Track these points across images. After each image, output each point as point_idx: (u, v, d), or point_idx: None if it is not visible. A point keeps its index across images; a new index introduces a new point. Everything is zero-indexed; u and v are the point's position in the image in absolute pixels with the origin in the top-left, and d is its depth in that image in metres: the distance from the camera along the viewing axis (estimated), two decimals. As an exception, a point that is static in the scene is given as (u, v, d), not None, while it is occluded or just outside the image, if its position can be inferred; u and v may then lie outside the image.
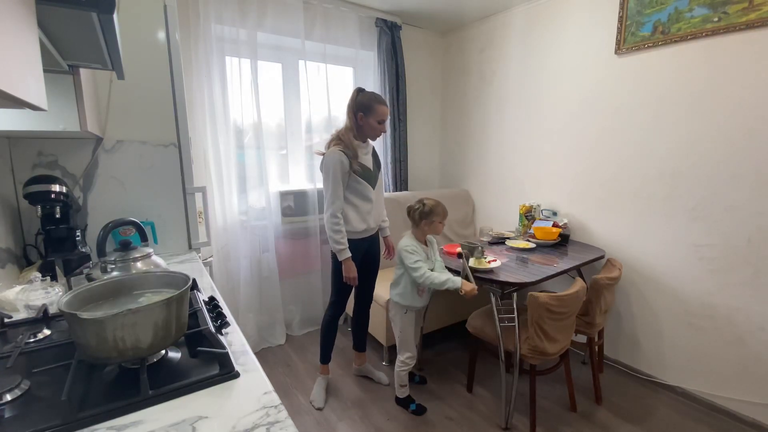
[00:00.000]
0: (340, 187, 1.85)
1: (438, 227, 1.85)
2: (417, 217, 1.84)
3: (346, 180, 1.86)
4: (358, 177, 1.88)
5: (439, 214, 1.82)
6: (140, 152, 1.63)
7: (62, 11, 0.71)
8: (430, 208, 1.81)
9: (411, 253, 1.80)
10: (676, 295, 2.12)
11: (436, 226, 1.84)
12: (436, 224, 1.83)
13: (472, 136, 3.22)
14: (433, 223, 1.83)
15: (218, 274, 2.43)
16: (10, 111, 1.04)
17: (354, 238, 1.94)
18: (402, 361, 1.96)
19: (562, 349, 1.81)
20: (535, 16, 2.63)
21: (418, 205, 1.84)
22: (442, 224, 1.86)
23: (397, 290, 1.92)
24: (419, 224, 1.85)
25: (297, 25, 2.55)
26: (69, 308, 0.73)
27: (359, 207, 1.93)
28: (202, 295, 1.16)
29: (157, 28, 1.60)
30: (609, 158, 2.33)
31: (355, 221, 1.93)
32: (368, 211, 1.96)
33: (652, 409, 2.04)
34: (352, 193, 1.91)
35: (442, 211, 1.83)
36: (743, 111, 1.81)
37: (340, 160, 1.82)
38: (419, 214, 1.83)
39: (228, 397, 0.72)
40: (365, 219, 1.95)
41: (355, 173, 1.86)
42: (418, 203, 1.85)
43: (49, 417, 0.65)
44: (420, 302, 1.92)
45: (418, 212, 1.84)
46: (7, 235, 1.31)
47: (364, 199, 1.93)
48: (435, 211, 1.81)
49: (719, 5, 1.81)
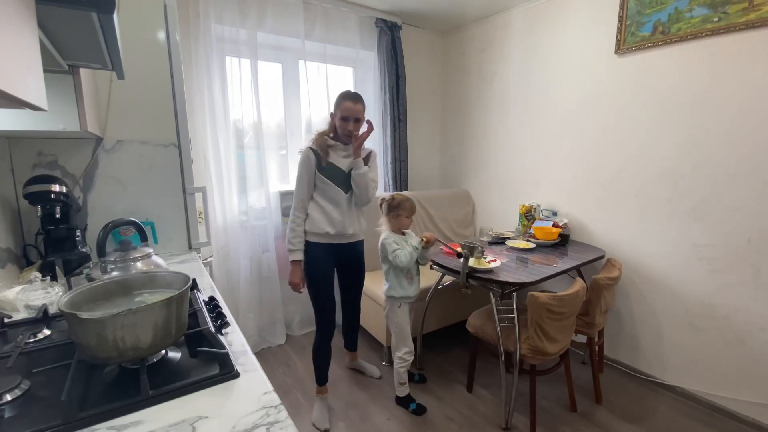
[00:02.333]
0: (304, 184, 1.83)
1: (404, 221, 1.91)
2: (385, 208, 1.92)
3: (312, 178, 1.83)
4: (324, 177, 1.82)
5: (406, 209, 1.89)
6: (140, 152, 1.63)
7: (62, 11, 0.71)
8: (398, 203, 1.89)
9: (390, 243, 1.87)
10: (676, 295, 2.12)
11: (402, 220, 1.90)
12: (402, 218, 1.90)
13: (472, 136, 3.22)
14: (399, 217, 1.89)
15: (218, 274, 2.43)
16: (10, 111, 1.04)
17: (320, 241, 1.86)
18: (400, 357, 1.97)
19: (562, 349, 1.81)
20: (535, 16, 2.63)
21: (389, 199, 1.92)
22: (409, 219, 1.92)
23: (387, 284, 1.98)
24: (387, 215, 1.93)
25: (297, 25, 2.55)
26: (69, 308, 0.73)
27: (325, 209, 1.84)
28: (202, 295, 1.16)
29: (157, 28, 1.60)
30: (609, 158, 2.33)
31: (320, 222, 1.83)
32: (337, 217, 1.85)
33: (652, 409, 2.04)
34: (319, 193, 1.85)
35: (409, 206, 1.90)
36: (743, 111, 1.80)
37: (307, 156, 1.82)
38: (387, 207, 1.91)
39: (228, 397, 0.72)
40: (332, 223, 1.85)
41: (320, 172, 1.82)
42: (390, 197, 1.92)
43: (49, 417, 0.65)
44: (411, 291, 1.96)
45: (386, 204, 1.92)
46: (7, 235, 1.31)
47: (331, 201, 1.85)
48: (402, 205, 1.88)
49: (719, 5, 1.81)
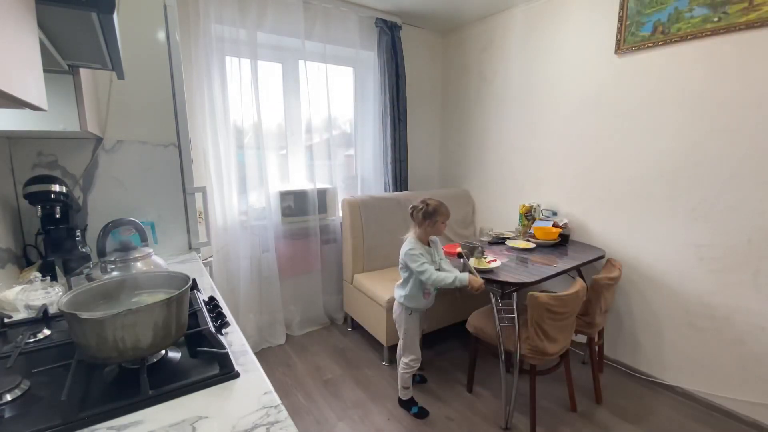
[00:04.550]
0: None
1: (440, 227, 1.83)
2: (420, 217, 1.81)
3: None
4: None
5: (443, 213, 1.81)
6: (140, 152, 1.63)
7: (62, 11, 0.71)
8: (433, 209, 1.79)
9: (416, 256, 1.78)
10: (676, 295, 2.11)
11: (439, 227, 1.83)
12: (438, 224, 1.82)
13: (472, 136, 3.22)
14: (437, 224, 1.81)
15: (218, 274, 2.43)
16: (10, 111, 1.04)
17: None
18: (406, 364, 1.95)
19: (562, 349, 1.81)
20: (535, 16, 2.63)
21: (422, 206, 1.81)
22: (445, 224, 1.84)
23: (403, 292, 1.89)
24: (422, 224, 1.82)
25: (297, 25, 2.55)
26: (69, 308, 0.73)
27: None
28: (202, 295, 1.16)
29: (157, 28, 1.60)
30: (609, 158, 2.33)
31: None
32: None
33: (652, 409, 2.04)
34: None
35: (445, 211, 1.82)
36: (743, 111, 1.80)
37: None
38: (423, 214, 1.81)
39: (228, 397, 0.72)
40: None
41: None
42: (422, 203, 1.82)
43: (49, 417, 0.65)
44: (425, 304, 1.92)
45: (421, 212, 1.81)
46: (7, 235, 1.31)
47: None
48: (438, 211, 1.80)
49: (719, 5, 1.81)
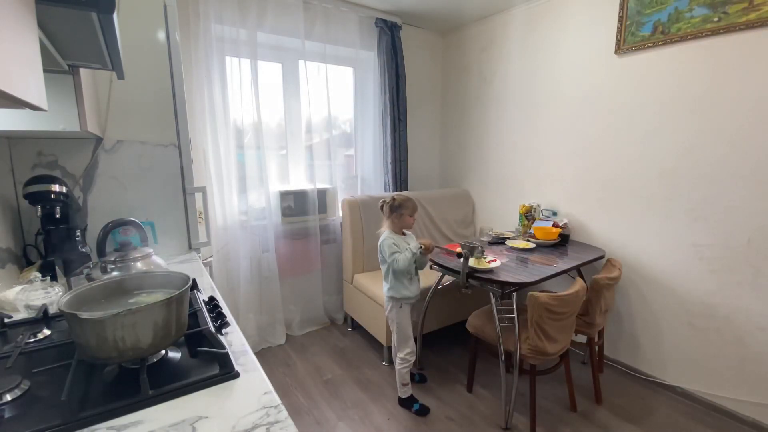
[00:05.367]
0: None
1: (407, 220, 1.94)
2: (388, 210, 1.95)
3: None
4: None
5: (408, 207, 1.93)
6: (140, 152, 1.63)
7: (62, 11, 0.71)
8: (399, 203, 1.93)
9: (390, 245, 1.89)
10: (676, 295, 2.11)
11: (406, 219, 1.94)
12: (405, 217, 1.93)
13: (472, 135, 3.22)
14: (403, 216, 1.93)
15: (218, 274, 2.43)
16: (10, 111, 1.04)
17: None
18: (402, 358, 1.97)
19: (562, 349, 1.81)
20: (535, 16, 2.63)
21: (390, 200, 1.96)
22: (412, 218, 1.96)
23: (387, 285, 1.98)
24: (390, 217, 1.95)
25: (297, 25, 2.55)
26: (69, 308, 0.73)
27: None
28: (202, 295, 1.16)
29: (157, 28, 1.60)
30: (609, 158, 2.33)
31: None
32: None
33: (652, 409, 2.04)
34: None
35: (411, 205, 1.94)
36: (743, 111, 1.80)
37: None
38: (390, 208, 1.94)
39: (228, 397, 0.72)
40: None
41: None
42: (390, 198, 1.96)
43: (49, 417, 0.65)
44: (411, 292, 1.96)
45: (389, 206, 1.95)
46: (7, 235, 1.31)
47: None
48: (404, 205, 1.93)
49: (719, 5, 1.81)
